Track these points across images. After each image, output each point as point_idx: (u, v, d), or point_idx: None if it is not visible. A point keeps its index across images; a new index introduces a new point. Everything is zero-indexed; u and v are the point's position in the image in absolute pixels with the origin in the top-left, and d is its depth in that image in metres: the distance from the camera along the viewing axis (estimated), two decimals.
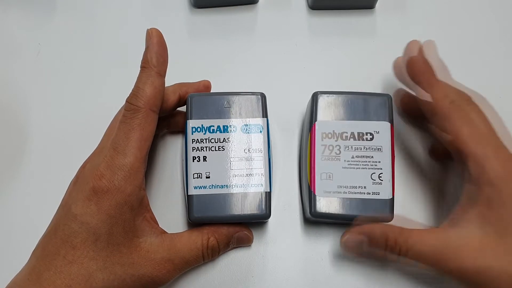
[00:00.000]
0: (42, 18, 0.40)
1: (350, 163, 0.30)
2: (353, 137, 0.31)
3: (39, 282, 0.25)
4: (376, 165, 0.30)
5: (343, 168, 0.30)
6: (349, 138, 0.31)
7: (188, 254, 0.29)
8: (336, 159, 0.30)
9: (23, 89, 0.37)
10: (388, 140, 0.31)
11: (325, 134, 0.31)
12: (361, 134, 0.31)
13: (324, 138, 0.31)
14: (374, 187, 0.30)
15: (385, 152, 0.30)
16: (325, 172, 0.30)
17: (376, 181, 0.30)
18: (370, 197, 0.30)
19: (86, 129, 0.35)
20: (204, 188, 0.29)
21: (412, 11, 0.41)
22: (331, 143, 0.31)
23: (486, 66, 0.38)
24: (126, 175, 0.26)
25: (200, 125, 0.30)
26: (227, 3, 0.40)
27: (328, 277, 0.32)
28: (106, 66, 0.38)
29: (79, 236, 0.25)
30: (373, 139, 0.31)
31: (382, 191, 0.30)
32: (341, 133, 0.31)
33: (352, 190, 0.30)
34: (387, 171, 0.30)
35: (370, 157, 0.30)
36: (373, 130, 0.31)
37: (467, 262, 0.25)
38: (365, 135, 0.31)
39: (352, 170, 0.30)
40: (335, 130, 0.31)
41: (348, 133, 0.31)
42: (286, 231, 0.33)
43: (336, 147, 0.30)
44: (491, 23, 0.40)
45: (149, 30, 0.28)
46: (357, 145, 0.30)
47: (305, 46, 0.39)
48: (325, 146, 0.31)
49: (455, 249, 0.25)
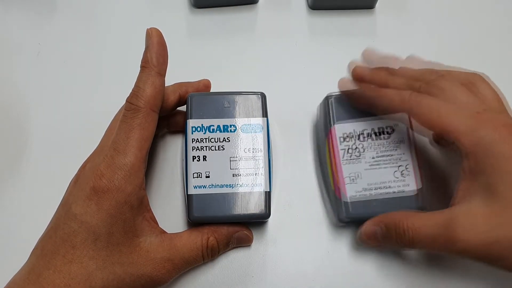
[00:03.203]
0: (42, 18, 0.40)
1: (372, 163, 0.30)
2: (374, 134, 0.31)
3: (39, 281, 0.25)
4: (400, 159, 0.30)
5: (366, 169, 0.30)
6: (368, 138, 0.31)
7: (188, 254, 0.29)
8: (358, 162, 0.30)
9: (23, 89, 0.37)
10: (407, 131, 0.30)
11: (343, 138, 0.31)
12: (381, 129, 0.31)
13: (342, 142, 0.31)
14: (400, 182, 0.30)
15: (407, 144, 0.30)
16: (349, 176, 0.30)
17: (402, 176, 0.30)
18: (397, 193, 0.30)
19: (86, 128, 0.35)
20: (204, 188, 0.29)
21: (412, 11, 0.41)
22: (351, 145, 0.30)
23: (486, 66, 0.38)
24: (127, 174, 0.26)
25: (200, 125, 0.30)
26: (227, 3, 0.40)
27: (328, 277, 0.32)
28: (106, 66, 0.38)
29: (79, 235, 0.25)
30: (394, 132, 0.31)
31: (409, 185, 0.30)
32: (360, 133, 0.31)
33: (379, 190, 0.30)
34: (411, 163, 0.30)
35: (392, 153, 0.30)
36: (392, 123, 0.31)
37: (475, 238, 0.24)
38: (386, 129, 0.31)
39: (375, 169, 0.30)
40: (354, 130, 0.31)
41: (368, 130, 0.31)
42: (286, 231, 0.33)
43: (356, 149, 0.30)
44: (491, 23, 0.40)
45: (149, 29, 0.28)
46: (377, 144, 0.30)
47: (305, 46, 0.39)
48: (345, 149, 0.30)
49: (462, 227, 0.24)
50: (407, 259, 0.32)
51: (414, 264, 0.32)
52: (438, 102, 0.27)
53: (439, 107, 0.27)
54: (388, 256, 0.32)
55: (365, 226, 0.29)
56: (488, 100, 0.27)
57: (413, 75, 0.30)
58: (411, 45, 0.39)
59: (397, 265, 0.32)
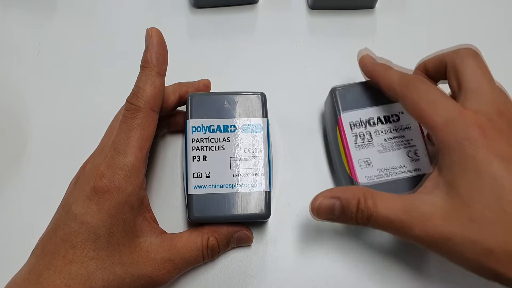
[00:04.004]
0: (42, 18, 0.40)
1: (384, 146, 0.31)
2: (380, 121, 0.31)
3: (39, 281, 0.25)
4: (409, 143, 0.31)
5: (379, 152, 0.30)
6: (377, 124, 0.31)
7: (188, 254, 0.29)
8: (370, 146, 0.31)
9: (23, 89, 0.37)
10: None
11: (352, 124, 0.31)
12: (387, 117, 0.31)
13: (353, 128, 0.31)
14: (414, 164, 0.30)
15: (414, 129, 0.31)
16: (363, 159, 0.30)
17: (414, 158, 0.30)
18: (411, 175, 0.30)
19: (86, 129, 0.35)
20: (204, 188, 0.29)
21: (412, 11, 0.41)
22: (361, 131, 0.31)
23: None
24: (127, 174, 0.26)
25: (200, 125, 0.30)
26: (227, 3, 0.40)
27: (328, 277, 0.32)
28: (106, 66, 0.38)
29: (79, 235, 0.25)
30: (400, 120, 0.31)
31: (422, 167, 0.30)
32: (367, 120, 0.31)
33: (393, 172, 0.30)
34: (421, 147, 0.30)
35: (402, 137, 0.31)
36: (398, 111, 0.31)
37: (432, 229, 0.24)
38: (392, 117, 0.31)
39: (388, 152, 0.30)
40: (361, 118, 0.31)
41: (374, 119, 0.31)
42: (286, 231, 0.33)
43: (367, 133, 0.31)
44: (491, 23, 0.40)
45: (149, 29, 0.28)
46: (387, 128, 0.31)
47: (305, 46, 0.39)
48: (356, 135, 0.31)
49: (420, 216, 0.25)
50: (406, 260, 0.32)
51: (414, 265, 0.32)
52: (432, 90, 0.27)
53: (429, 95, 0.27)
54: (388, 258, 0.32)
55: (321, 199, 0.27)
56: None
57: None
58: (411, 45, 0.39)
59: (397, 266, 0.32)
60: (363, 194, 0.26)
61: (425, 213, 0.25)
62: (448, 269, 0.32)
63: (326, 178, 0.34)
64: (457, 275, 0.31)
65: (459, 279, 0.31)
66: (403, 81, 0.28)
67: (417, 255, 0.32)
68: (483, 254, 0.23)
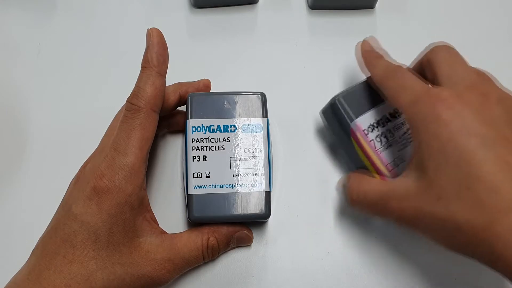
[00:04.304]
0: (42, 18, 0.40)
1: (406, 138, 0.30)
2: (390, 118, 0.31)
3: (39, 281, 0.25)
4: None
5: (404, 148, 0.30)
6: (388, 121, 0.31)
7: (188, 254, 0.29)
8: (394, 143, 0.30)
9: (23, 89, 0.37)
10: None
11: (366, 131, 0.30)
12: (392, 114, 0.31)
13: (368, 134, 0.30)
14: None
15: None
16: (393, 160, 0.30)
17: None
18: None
19: (87, 129, 0.35)
20: (204, 188, 0.29)
21: (412, 11, 0.41)
22: (378, 133, 0.30)
23: (487, 66, 0.38)
24: (127, 174, 0.26)
25: (200, 125, 0.30)
26: (227, 3, 0.40)
27: (328, 277, 0.32)
28: (106, 66, 0.38)
29: (79, 235, 0.25)
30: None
31: None
32: (378, 121, 0.31)
33: None
34: None
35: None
36: None
37: (407, 209, 0.25)
38: (397, 112, 0.31)
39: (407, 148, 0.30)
40: (372, 121, 0.31)
41: (382, 118, 0.31)
42: (286, 231, 0.33)
43: (387, 131, 0.30)
44: (491, 23, 0.40)
45: (149, 30, 0.28)
46: (399, 122, 0.31)
47: (305, 46, 0.39)
48: (374, 139, 0.30)
49: (397, 199, 0.26)
50: (406, 260, 0.32)
51: (414, 265, 0.32)
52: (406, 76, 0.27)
53: (402, 80, 0.27)
54: (388, 257, 0.32)
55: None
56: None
57: None
58: (411, 45, 0.38)
59: (397, 266, 0.32)
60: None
61: (400, 196, 0.26)
62: (450, 268, 0.32)
63: (326, 178, 0.34)
64: (457, 275, 0.31)
65: (460, 278, 0.31)
66: (386, 71, 0.29)
67: (417, 255, 0.32)
68: (453, 231, 0.23)
